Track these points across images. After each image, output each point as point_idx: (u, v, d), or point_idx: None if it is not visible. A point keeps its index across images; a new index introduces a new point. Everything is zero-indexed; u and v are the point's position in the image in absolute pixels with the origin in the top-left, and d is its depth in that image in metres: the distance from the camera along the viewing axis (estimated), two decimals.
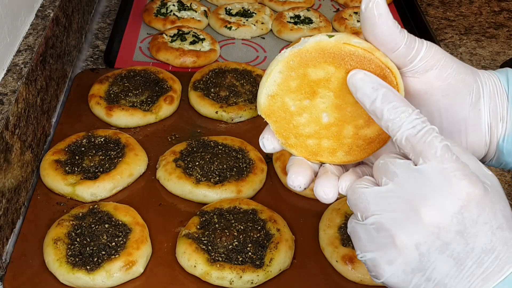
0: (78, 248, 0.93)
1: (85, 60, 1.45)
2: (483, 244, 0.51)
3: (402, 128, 0.54)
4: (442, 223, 0.51)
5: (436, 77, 0.60)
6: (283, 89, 0.59)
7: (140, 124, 1.22)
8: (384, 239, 0.54)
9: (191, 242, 0.95)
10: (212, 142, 1.14)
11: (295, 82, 0.58)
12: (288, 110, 0.60)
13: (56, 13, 1.21)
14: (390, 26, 0.57)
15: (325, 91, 0.58)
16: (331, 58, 0.56)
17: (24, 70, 1.03)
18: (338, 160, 0.62)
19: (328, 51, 0.56)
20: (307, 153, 0.62)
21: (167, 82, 1.29)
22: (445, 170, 0.52)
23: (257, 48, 1.52)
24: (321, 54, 0.56)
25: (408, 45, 0.58)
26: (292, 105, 0.59)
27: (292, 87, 0.58)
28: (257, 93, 0.61)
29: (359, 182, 0.57)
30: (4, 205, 0.94)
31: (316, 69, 0.57)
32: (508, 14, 1.78)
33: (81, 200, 1.05)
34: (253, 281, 0.92)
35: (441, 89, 0.61)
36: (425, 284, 0.53)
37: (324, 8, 1.71)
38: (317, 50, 0.56)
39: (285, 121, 0.61)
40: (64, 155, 1.10)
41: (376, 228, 0.54)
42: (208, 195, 1.05)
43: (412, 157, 0.54)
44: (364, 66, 0.57)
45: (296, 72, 0.58)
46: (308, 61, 0.57)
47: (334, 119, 0.60)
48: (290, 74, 0.58)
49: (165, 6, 1.59)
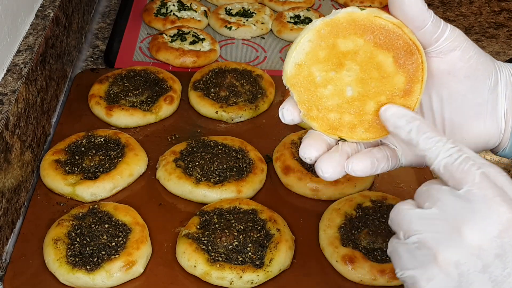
0: (78, 248, 0.93)
1: (85, 60, 1.45)
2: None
3: (439, 157, 0.56)
4: (483, 245, 0.53)
5: (459, 57, 0.62)
6: (311, 58, 0.59)
7: (140, 124, 1.22)
8: (426, 257, 0.55)
9: (191, 242, 0.95)
10: (212, 142, 1.14)
11: (324, 52, 0.59)
12: (314, 80, 0.60)
13: (56, 13, 1.21)
14: (418, 3, 0.58)
15: (352, 64, 0.59)
16: (361, 30, 0.57)
17: (24, 70, 1.03)
18: (357, 136, 0.63)
19: (359, 22, 0.57)
20: (327, 126, 0.63)
21: (167, 82, 1.29)
22: (486, 196, 0.53)
23: (257, 48, 1.52)
24: (352, 25, 0.57)
25: (434, 23, 0.60)
26: (318, 75, 0.60)
27: (320, 57, 0.59)
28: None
29: (404, 204, 0.59)
30: (4, 205, 0.94)
31: (346, 40, 0.58)
32: (508, 14, 1.78)
33: (81, 200, 1.05)
34: (253, 281, 0.92)
35: (464, 70, 0.62)
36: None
37: (324, 8, 1.71)
38: (349, 21, 0.57)
39: (309, 92, 0.61)
40: (64, 155, 1.10)
41: (418, 247, 0.56)
42: (208, 195, 1.05)
43: (451, 184, 0.56)
44: (392, 41, 0.58)
45: (326, 41, 0.58)
46: (339, 32, 0.58)
47: (358, 94, 0.61)
48: (319, 44, 0.59)
49: (165, 6, 1.59)
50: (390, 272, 0.93)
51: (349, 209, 1.02)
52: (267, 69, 1.42)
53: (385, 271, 0.93)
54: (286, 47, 1.51)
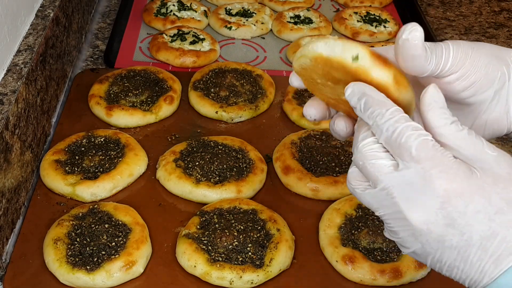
0: (78, 248, 0.93)
1: (85, 60, 1.45)
2: (480, 232, 0.52)
3: (382, 133, 0.56)
4: (428, 220, 0.54)
5: (461, 85, 0.63)
6: (312, 69, 0.63)
7: (140, 124, 1.22)
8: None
9: (191, 242, 0.95)
10: (212, 142, 1.14)
11: (320, 71, 0.63)
12: (315, 81, 0.65)
13: (56, 13, 1.21)
14: (422, 60, 0.59)
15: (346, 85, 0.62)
16: (349, 76, 0.60)
17: (24, 70, 1.03)
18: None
19: (346, 70, 0.59)
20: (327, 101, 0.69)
21: (167, 82, 1.29)
22: (422, 170, 0.53)
23: (257, 48, 1.52)
24: (341, 69, 0.60)
25: (435, 67, 0.60)
26: (318, 79, 0.64)
27: (319, 72, 0.63)
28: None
29: (354, 182, 0.60)
30: (4, 205, 0.94)
31: (338, 72, 0.61)
32: (508, 14, 1.78)
33: (81, 200, 1.05)
34: (253, 281, 0.92)
35: (466, 94, 0.64)
36: (439, 264, 0.56)
37: (324, 8, 1.71)
38: (338, 65, 0.60)
39: (312, 84, 0.67)
40: (64, 155, 1.10)
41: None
42: (208, 195, 1.05)
43: (396, 159, 0.56)
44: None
45: (322, 67, 0.62)
46: (332, 67, 0.60)
47: None
48: (317, 65, 0.62)
49: (165, 6, 1.59)
50: (390, 272, 0.93)
51: (349, 209, 1.02)
52: (267, 69, 1.42)
53: (385, 271, 0.93)
54: (286, 47, 1.51)
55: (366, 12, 1.64)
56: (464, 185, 0.53)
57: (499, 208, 0.52)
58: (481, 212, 0.52)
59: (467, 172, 0.53)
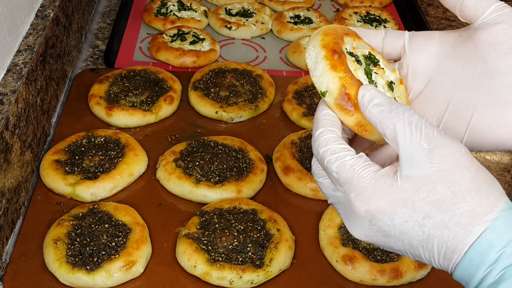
0: (78, 248, 0.93)
1: (85, 60, 1.45)
2: (416, 237, 0.53)
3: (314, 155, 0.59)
4: (367, 234, 0.56)
5: (504, 31, 0.59)
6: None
7: (140, 124, 1.22)
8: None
9: (191, 242, 0.95)
10: (212, 142, 1.14)
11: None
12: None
13: (56, 13, 1.21)
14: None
15: None
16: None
17: (24, 70, 1.03)
18: None
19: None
20: None
21: (167, 82, 1.28)
22: (344, 193, 0.56)
23: (257, 48, 1.52)
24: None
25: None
26: None
27: None
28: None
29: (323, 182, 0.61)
30: (4, 205, 0.94)
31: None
32: None
33: (81, 200, 1.05)
34: (253, 281, 0.92)
35: (506, 45, 0.60)
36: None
37: (324, 8, 1.71)
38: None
39: None
40: (64, 155, 1.10)
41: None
42: (208, 195, 1.05)
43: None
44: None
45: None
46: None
47: None
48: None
49: (165, 6, 1.59)
50: (390, 272, 0.93)
51: None
52: (267, 69, 1.42)
53: (385, 271, 0.93)
54: (286, 47, 1.51)
55: (366, 12, 1.64)
56: (383, 202, 0.53)
57: (426, 213, 0.52)
58: (409, 221, 0.53)
59: (385, 188, 0.54)
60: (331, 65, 0.59)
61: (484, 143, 0.62)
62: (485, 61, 0.60)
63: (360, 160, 0.55)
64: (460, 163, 0.52)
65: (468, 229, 0.51)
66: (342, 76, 0.58)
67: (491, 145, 0.62)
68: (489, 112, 0.61)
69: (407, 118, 0.54)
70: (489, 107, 0.61)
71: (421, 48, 0.64)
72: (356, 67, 0.61)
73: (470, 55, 0.61)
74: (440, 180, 0.52)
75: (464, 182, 0.52)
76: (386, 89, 0.62)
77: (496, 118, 0.61)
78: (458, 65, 0.62)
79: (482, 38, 0.60)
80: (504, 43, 0.59)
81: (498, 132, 0.61)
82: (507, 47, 0.59)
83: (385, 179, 0.54)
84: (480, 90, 0.61)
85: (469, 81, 0.61)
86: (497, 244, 0.50)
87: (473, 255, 0.51)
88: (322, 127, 0.58)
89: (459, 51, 0.62)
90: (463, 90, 0.62)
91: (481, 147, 0.62)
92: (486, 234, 0.51)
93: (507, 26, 0.59)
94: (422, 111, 0.63)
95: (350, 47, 0.63)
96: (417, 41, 0.64)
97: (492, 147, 0.62)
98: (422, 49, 0.64)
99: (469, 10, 0.61)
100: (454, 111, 0.62)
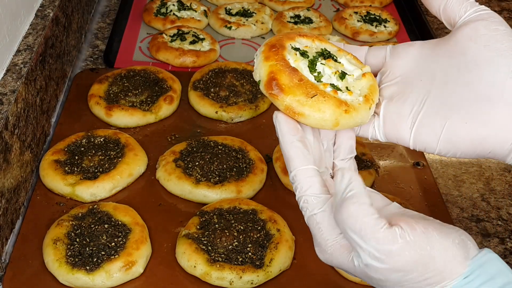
0: (77, 248, 0.93)
1: (85, 60, 1.45)
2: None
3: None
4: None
5: (484, 25, 0.60)
6: None
7: (139, 124, 1.22)
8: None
9: (191, 242, 0.94)
10: (212, 142, 1.14)
11: None
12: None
13: (56, 13, 1.21)
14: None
15: None
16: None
17: (24, 70, 1.03)
18: None
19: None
20: None
21: (167, 82, 1.28)
22: (313, 237, 0.61)
23: (257, 48, 1.52)
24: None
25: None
26: None
27: None
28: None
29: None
30: (4, 205, 0.94)
31: None
32: (508, 14, 1.78)
33: (80, 200, 1.04)
34: (253, 282, 0.92)
35: (485, 38, 0.59)
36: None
37: (324, 8, 1.71)
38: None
39: None
40: (63, 155, 1.10)
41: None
42: (208, 195, 1.05)
43: None
44: None
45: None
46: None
47: None
48: None
49: (165, 6, 1.59)
50: None
51: None
52: None
53: None
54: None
55: (366, 12, 1.63)
56: (341, 261, 0.58)
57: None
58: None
59: (342, 262, 0.57)
60: (265, 57, 0.61)
61: (460, 145, 0.59)
62: (465, 54, 0.60)
63: (328, 220, 0.58)
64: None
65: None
66: (273, 64, 0.60)
67: (468, 148, 0.59)
68: (466, 109, 0.59)
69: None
70: (466, 103, 0.59)
71: (401, 54, 0.65)
72: (297, 59, 0.61)
73: (450, 51, 0.61)
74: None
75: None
76: (335, 78, 0.62)
77: (473, 115, 0.58)
78: (437, 63, 0.62)
79: (463, 33, 0.61)
80: (483, 36, 0.59)
81: (475, 132, 0.58)
82: (486, 40, 0.59)
83: (345, 254, 0.57)
84: (458, 85, 0.59)
85: (448, 77, 0.60)
86: None
87: None
88: (295, 168, 0.60)
89: (440, 50, 0.62)
90: (441, 87, 0.61)
91: (457, 150, 0.60)
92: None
93: (488, 22, 0.60)
94: (399, 110, 0.62)
95: (302, 46, 0.64)
96: (398, 49, 0.66)
97: (469, 150, 0.59)
98: (402, 54, 0.65)
99: (452, 10, 0.62)
100: (430, 109, 0.61)
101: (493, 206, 1.13)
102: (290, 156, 0.60)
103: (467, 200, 1.14)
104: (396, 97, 0.63)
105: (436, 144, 0.60)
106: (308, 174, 0.59)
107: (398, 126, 0.62)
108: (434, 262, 0.53)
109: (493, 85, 0.58)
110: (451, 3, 0.62)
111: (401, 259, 0.53)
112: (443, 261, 0.53)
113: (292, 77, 0.59)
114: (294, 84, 0.59)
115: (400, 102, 0.63)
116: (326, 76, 0.62)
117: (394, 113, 0.63)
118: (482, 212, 1.11)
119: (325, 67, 0.62)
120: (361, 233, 0.53)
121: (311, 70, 0.61)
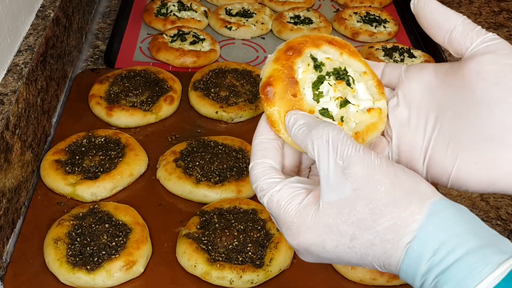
0: (78, 248, 0.93)
1: (86, 60, 1.45)
2: (351, 258, 0.54)
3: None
4: (313, 260, 0.57)
5: (491, 60, 0.56)
6: None
7: (140, 124, 1.22)
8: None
9: (191, 242, 0.95)
10: (212, 142, 1.15)
11: None
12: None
13: (57, 13, 1.22)
14: (440, 9, 0.59)
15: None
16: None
17: (25, 70, 1.03)
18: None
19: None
20: None
21: (167, 82, 1.29)
22: (279, 227, 0.57)
23: (257, 48, 1.52)
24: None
25: (466, 25, 0.58)
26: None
27: None
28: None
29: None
30: (5, 205, 0.94)
31: None
32: (508, 14, 1.78)
33: (81, 200, 1.05)
34: (253, 281, 0.92)
35: (493, 75, 0.56)
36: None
37: (324, 8, 1.72)
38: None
39: None
40: (64, 155, 1.10)
41: None
42: (208, 195, 1.05)
43: None
44: None
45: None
46: None
47: None
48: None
49: (165, 6, 1.59)
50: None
51: None
52: None
53: None
54: None
55: (366, 12, 1.64)
56: (309, 234, 0.54)
57: (351, 234, 0.52)
58: (339, 246, 0.53)
59: (309, 220, 0.53)
60: (276, 57, 0.57)
61: (470, 184, 0.58)
62: (473, 91, 0.57)
63: (286, 193, 0.55)
64: (373, 177, 0.51)
65: (395, 244, 0.51)
66: (277, 68, 0.56)
67: (478, 186, 0.58)
68: (476, 148, 0.57)
69: (325, 135, 0.52)
70: (476, 142, 0.57)
71: (415, 77, 0.62)
72: (307, 70, 0.57)
73: (459, 85, 0.58)
74: (357, 199, 0.51)
75: (380, 197, 0.51)
76: (334, 104, 0.58)
77: (483, 156, 0.57)
78: (448, 94, 0.59)
79: (470, 68, 0.57)
80: (491, 73, 0.56)
81: (485, 173, 0.57)
82: (494, 77, 0.56)
83: (308, 210, 0.54)
84: (468, 122, 0.57)
85: (458, 112, 0.58)
86: (426, 253, 0.49)
87: (406, 268, 0.51)
88: (253, 161, 0.58)
89: (450, 80, 0.59)
90: (452, 120, 0.59)
91: (468, 187, 0.59)
92: (413, 245, 0.50)
93: (495, 56, 0.56)
94: (412, 142, 0.61)
95: (323, 56, 0.59)
96: (412, 72, 0.63)
97: (481, 189, 0.58)
98: (415, 78, 0.62)
99: (457, 42, 0.58)
100: (441, 143, 0.59)
101: (492, 206, 1.13)
102: (252, 152, 0.59)
103: (466, 199, 1.14)
104: (409, 124, 0.62)
105: (447, 180, 0.59)
106: (264, 165, 0.58)
107: (411, 158, 0.61)
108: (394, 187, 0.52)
109: (502, 126, 0.56)
110: (456, 35, 0.58)
111: (361, 167, 0.52)
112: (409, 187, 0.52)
113: (287, 89, 0.56)
114: (285, 97, 0.56)
115: (412, 130, 0.61)
116: (326, 98, 0.58)
117: (407, 144, 0.61)
118: (481, 212, 1.12)
119: (331, 89, 0.58)
120: (329, 142, 0.52)
121: (314, 87, 0.57)
